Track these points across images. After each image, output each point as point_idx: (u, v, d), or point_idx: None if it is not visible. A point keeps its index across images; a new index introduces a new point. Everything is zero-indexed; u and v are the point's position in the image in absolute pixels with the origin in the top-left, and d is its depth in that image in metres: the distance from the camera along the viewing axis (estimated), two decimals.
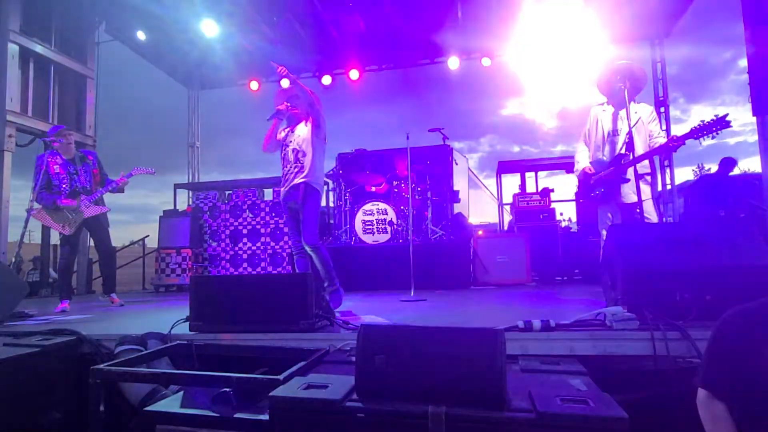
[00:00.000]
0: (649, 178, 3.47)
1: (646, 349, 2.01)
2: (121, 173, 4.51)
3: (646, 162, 3.46)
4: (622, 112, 3.45)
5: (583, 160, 3.73)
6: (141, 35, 7.56)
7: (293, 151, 3.63)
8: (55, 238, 6.90)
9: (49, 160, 4.37)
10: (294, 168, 3.61)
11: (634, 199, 3.27)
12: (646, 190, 3.38)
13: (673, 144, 3.15)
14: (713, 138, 2.94)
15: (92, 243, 4.83)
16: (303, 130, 3.65)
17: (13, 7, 5.94)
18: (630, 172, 3.31)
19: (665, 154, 3.29)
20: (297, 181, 3.58)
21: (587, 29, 7.57)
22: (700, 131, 2.95)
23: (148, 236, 9.05)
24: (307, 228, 3.56)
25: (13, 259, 4.50)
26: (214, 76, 9.27)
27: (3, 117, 5.75)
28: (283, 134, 3.76)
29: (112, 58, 8.01)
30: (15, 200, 5.89)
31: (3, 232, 5.64)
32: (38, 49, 6.30)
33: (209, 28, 6.93)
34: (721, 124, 2.89)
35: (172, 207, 7.90)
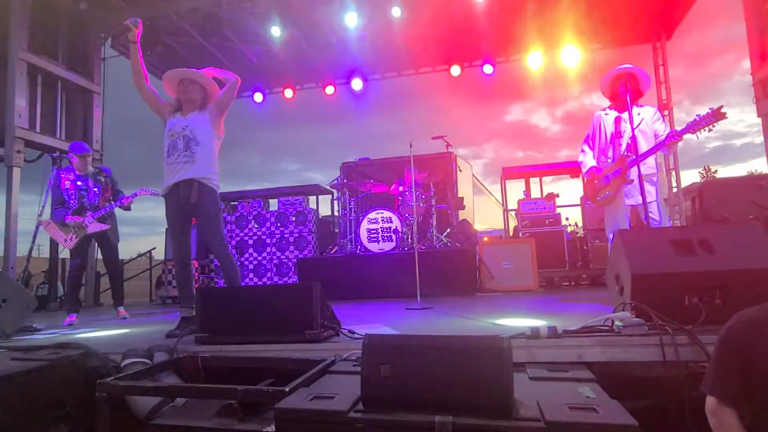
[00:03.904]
0: (655, 178, 3.47)
1: (655, 354, 1.99)
2: (125, 196, 4.53)
3: (652, 163, 3.46)
4: (625, 115, 3.46)
5: (588, 161, 3.73)
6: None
7: (183, 139, 3.17)
8: (63, 253, 6.97)
9: (63, 175, 4.48)
10: (184, 157, 3.15)
11: (640, 200, 3.26)
12: (651, 191, 3.38)
13: (671, 139, 3.17)
14: (710, 131, 2.95)
15: (100, 256, 4.87)
16: (199, 116, 3.25)
17: (21, 25, 6.05)
18: (634, 173, 3.31)
19: (665, 150, 3.33)
20: (188, 176, 3.13)
21: (588, 34, 7.61)
22: (697, 125, 2.98)
23: (155, 248, 9.13)
24: (213, 234, 3.24)
25: (22, 273, 4.54)
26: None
27: (12, 133, 5.84)
28: (170, 115, 3.32)
29: (118, 73, 8.10)
30: (24, 215, 5.95)
31: (12, 247, 5.69)
32: (46, 65, 6.40)
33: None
34: (716, 116, 2.91)
35: None
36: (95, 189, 4.53)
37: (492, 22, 7.30)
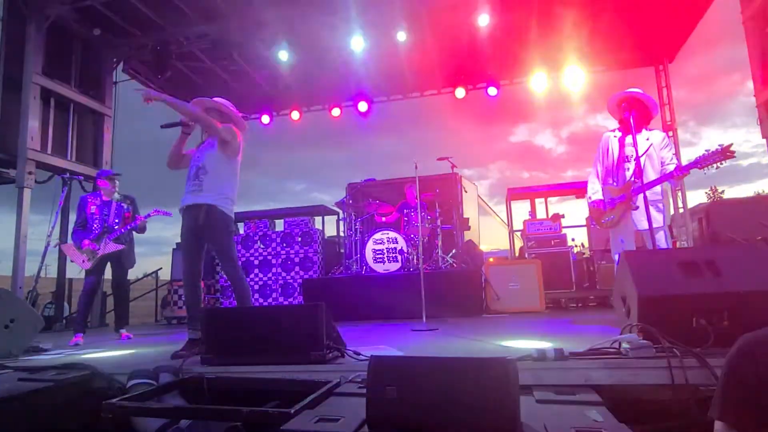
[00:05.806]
0: (661, 205, 3.46)
1: (663, 377, 1.96)
2: (139, 216, 4.74)
3: (658, 189, 3.45)
4: (630, 139, 3.47)
5: (594, 193, 3.73)
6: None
7: (195, 168, 3.31)
8: (70, 273, 7.03)
9: (89, 200, 4.69)
10: (193, 186, 3.26)
11: (646, 226, 3.25)
12: (657, 218, 3.36)
13: (678, 174, 3.19)
14: (717, 169, 2.96)
15: (109, 276, 4.93)
16: (209, 143, 3.39)
17: (36, 49, 6.22)
18: (639, 199, 3.31)
19: (672, 182, 3.34)
20: (196, 201, 3.23)
21: (592, 57, 7.71)
22: (705, 161, 2.99)
23: (161, 268, 9.14)
24: (224, 256, 3.36)
25: (29, 293, 4.58)
26: None
27: (24, 155, 5.95)
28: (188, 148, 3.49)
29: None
30: (33, 235, 6.01)
31: (20, 267, 5.74)
32: (59, 89, 6.56)
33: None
34: (724, 155, 2.92)
35: None
36: (117, 212, 4.70)
37: (496, 45, 7.43)
